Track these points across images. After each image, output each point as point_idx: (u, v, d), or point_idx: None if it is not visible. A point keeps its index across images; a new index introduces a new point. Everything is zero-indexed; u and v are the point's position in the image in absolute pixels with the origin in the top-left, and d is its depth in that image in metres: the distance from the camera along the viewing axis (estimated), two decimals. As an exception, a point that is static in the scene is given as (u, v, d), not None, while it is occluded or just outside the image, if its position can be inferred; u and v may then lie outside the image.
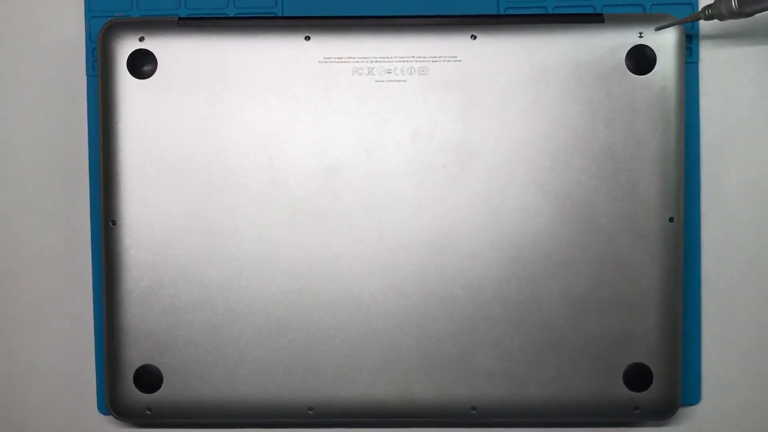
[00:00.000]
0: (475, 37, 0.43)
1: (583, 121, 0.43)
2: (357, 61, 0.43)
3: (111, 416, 0.46)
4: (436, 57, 0.43)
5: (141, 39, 0.43)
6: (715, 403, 0.47)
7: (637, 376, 0.44)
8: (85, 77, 0.47)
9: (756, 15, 0.42)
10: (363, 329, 0.44)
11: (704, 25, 0.47)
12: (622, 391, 0.44)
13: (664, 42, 0.43)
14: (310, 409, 0.44)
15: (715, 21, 0.43)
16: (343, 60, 0.43)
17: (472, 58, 0.43)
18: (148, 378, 0.44)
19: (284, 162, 0.44)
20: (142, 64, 0.43)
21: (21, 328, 0.49)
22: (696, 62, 0.47)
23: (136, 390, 0.44)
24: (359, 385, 0.44)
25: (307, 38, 0.43)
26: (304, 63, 0.43)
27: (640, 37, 0.43)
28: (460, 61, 0.43)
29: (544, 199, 0.43)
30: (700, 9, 0.45)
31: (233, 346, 0.44)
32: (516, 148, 0.43)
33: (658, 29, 0.43)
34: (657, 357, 0.44)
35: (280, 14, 0.47)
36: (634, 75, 0.43)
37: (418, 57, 0.43)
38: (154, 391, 0.44)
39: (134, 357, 0.44)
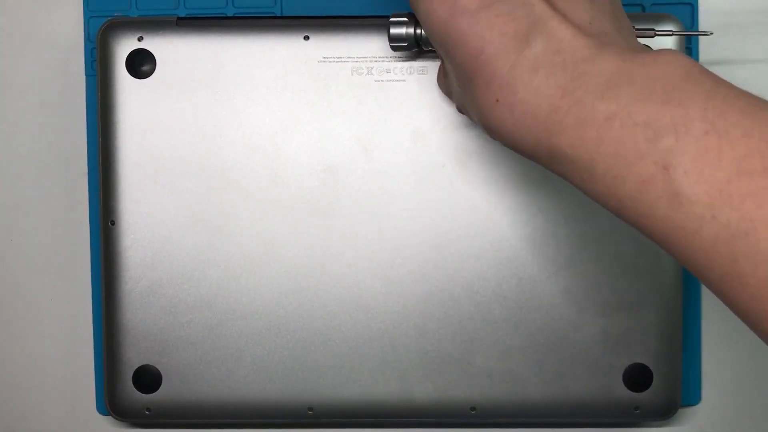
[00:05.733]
0: (474, 37, 0.43)
1: (582, 121, 0.43)
2: (356, 61, 0.43)
3: (110, 416, 0.46)
4: (435, 57, 0.43)
5: (140, 39, 0.43)
6: (715, 403, 0.47)
7: (637, 377, 0.44)
8: (83, 77, 0.47)
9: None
10: (363, 329, 0.44)
11: (704, 26, 0.47)
12: (622, 392, 0.44)
13: (664, 42, 0.43)
14: (310, 409, 0.44)
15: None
16: (343, 60, 0.43)
17: (472, 58, 0.43)
18: (147, 378, 0.44)
19: (283, 162, 0.43)
20: (141, 64, 0.43)
21: (19, 328, 0.48)
22: (696, 62, 0.46)
23: (135, 390, 0.44)
24: (359, 386, 0.44)
25: (306, 38, 0.43)
26: (303, 63, 0.43)
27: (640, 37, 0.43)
28: (459, 60, 0.43)
29: (544, 199, 0.43)
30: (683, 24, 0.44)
31: (233, 346, 0.44)
32: (516, 147, 0.43)
33: None
34: (657, 357, 0.44)
35: (279, 14, 0.47)
36: (634, 75, 0.43)
37: (417, 57, 0.43)
38: (154, 392, 0.44)
39: (133, 357, 0.44)
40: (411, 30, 0.38)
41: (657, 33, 0.38)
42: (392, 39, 0.38)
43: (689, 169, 0.26)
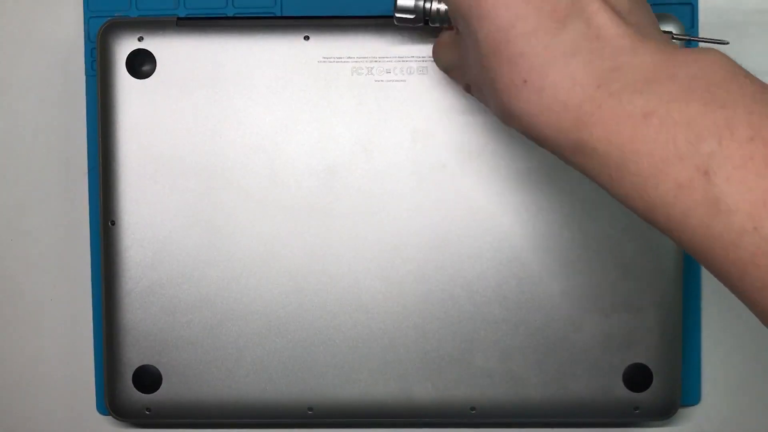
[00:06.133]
0: (474, 37, 0.43)
1: (582, 121, 0.43)
2: (356, 61, 0.43)
3: (110, 416, 0.46)
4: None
5: (140, 39, 0.43)
6: (715, 403, 0.47)
7: (637, 377, 0.44)
8: (84, 77, 0.47)
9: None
10: (363, 329, 0.44)
11: (704, 26, 0.47)
12: (622, 392, 0.44)
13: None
14: (310, 409, 0.44)
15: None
16: (343, 60, 0.43)
17: (472, 58, 0.43)
18: (148, 378, 0.44)
19: (283, 162, 0.43)
20: (141, 64, 0.43)
21: (19, 328, 0.48)
22: (696, 62, 0.46)
23: (135, 390, 0.44)
24: (359, 386, 0.44)
25: (306, 38, 0.43)
26: (303, 63, 0.43)
27: (640, 36, 0.43)
28: (459, 60, 0.43)
29: (544, 199, 0.43)
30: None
31: (233, 346, 0.44)
32: (516, 147, 0.43)
33: None
34: (657, 357, 0.44)
35: (279, 14, 0.47)
36: (634, 75, 0.43)
37: (417, 57, 0.43)
38: (154, 392, 0.44)
39: (133, 357, 0.44)
40: (420, 2, 0.36)
41: (674, 36, 0.37)
42: (398, 10, 0.36)
43: (731, 176, 0.25)
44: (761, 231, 0.25)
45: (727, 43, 0.38)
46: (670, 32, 0.38)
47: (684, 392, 0.46)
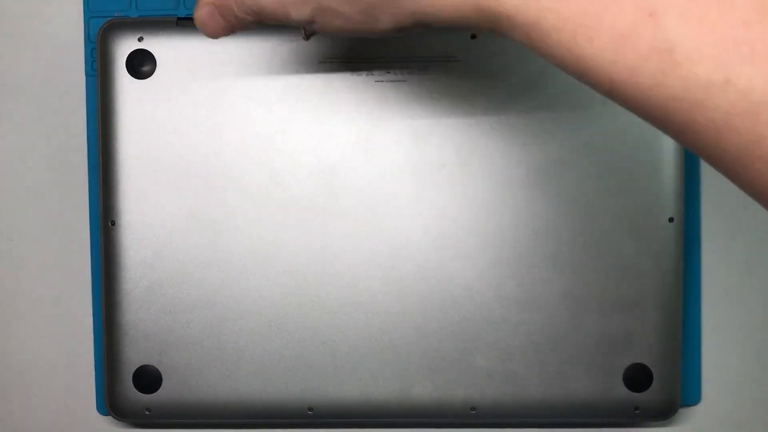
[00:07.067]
0: (474, 37, 0.43)
1: (582, 121, 0.43)
2: (356, 61, 0.43)
3: (110, 416, 0.46)
4: (435, 57, 0.43)
5: (140, 39, 0.43)
6: (715, 403, 0.47)
7: (637, 377, 0.44)
8: (84, 77, 0.47)
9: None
10: (363, 329, 0.44)
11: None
12: (622, 392, 0.44)
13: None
14: (310, 409, 0.44)
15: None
16: (343, 60, 0.43)
17: (472, 58, 0.43)
18: (148, 378, 0.44)
19: (283, 162, 0.43)
20: (141, 64, 0.43)
21: (19, 328, 0.48)
22: (696, 62, 0.46)
23: (136, 390, 0.44)
24: (359, 386, 0.44)
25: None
26: (303, 63, 0.43)
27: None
28: (459, 61, 0.43)
29: (543, 199, 0.43)
30: None
31: (233, 346, 0.44)
32: (516, 148, 0.43)
33: None
34: (657, 357, 0.44)
35: (279, 14, 0.47)
36: (634, 75, 0.43)
37: (417, 57, 0.43)
38: (154, 392, 0.44)
39: (133, 357, 0.44)
40: None
41: None
42: None
43: (687, 11, 0.18)
44: (736, 82, 0.18)
45: None
46: None
47: (684, 392, 0.46)
